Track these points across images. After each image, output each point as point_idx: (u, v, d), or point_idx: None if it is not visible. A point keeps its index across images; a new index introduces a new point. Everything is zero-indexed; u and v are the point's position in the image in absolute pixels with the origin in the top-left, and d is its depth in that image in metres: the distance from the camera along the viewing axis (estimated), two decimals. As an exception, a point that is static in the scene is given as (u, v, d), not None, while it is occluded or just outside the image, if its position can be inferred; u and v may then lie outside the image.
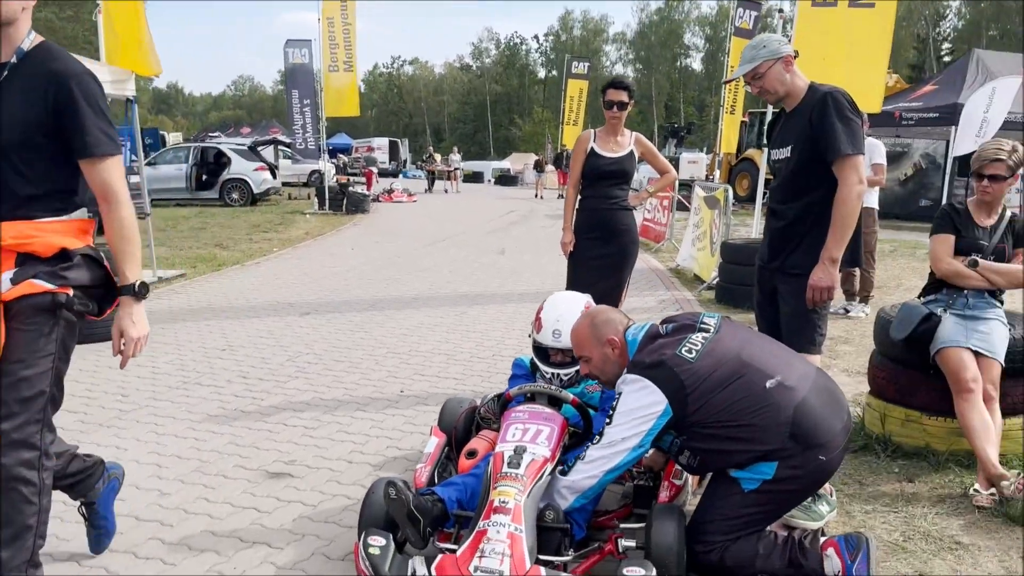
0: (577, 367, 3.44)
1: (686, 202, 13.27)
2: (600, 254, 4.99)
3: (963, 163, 16.54)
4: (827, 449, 2.78)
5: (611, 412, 2.87)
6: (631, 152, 5.00)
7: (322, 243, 14.07)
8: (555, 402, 3.21)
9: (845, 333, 7.02)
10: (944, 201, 16.63)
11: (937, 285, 4.07)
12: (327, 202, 20.00)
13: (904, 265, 11.61)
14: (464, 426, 3.66)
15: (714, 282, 8.92)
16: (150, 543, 3.18)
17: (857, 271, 7.65)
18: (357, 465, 4.00)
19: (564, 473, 2.89)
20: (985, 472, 3.55)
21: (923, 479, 3.85)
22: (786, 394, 2.78)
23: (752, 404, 2.76)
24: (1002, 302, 3.99)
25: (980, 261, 3.87)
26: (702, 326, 3.00)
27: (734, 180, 22.38)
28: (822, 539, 2.76)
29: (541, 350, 3.56)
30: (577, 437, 3.18)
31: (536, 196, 28.64)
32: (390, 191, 25.55)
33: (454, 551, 2.66)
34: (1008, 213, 3.97)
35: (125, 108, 8.70)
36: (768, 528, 2.92)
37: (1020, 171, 3.87)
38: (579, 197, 5.09)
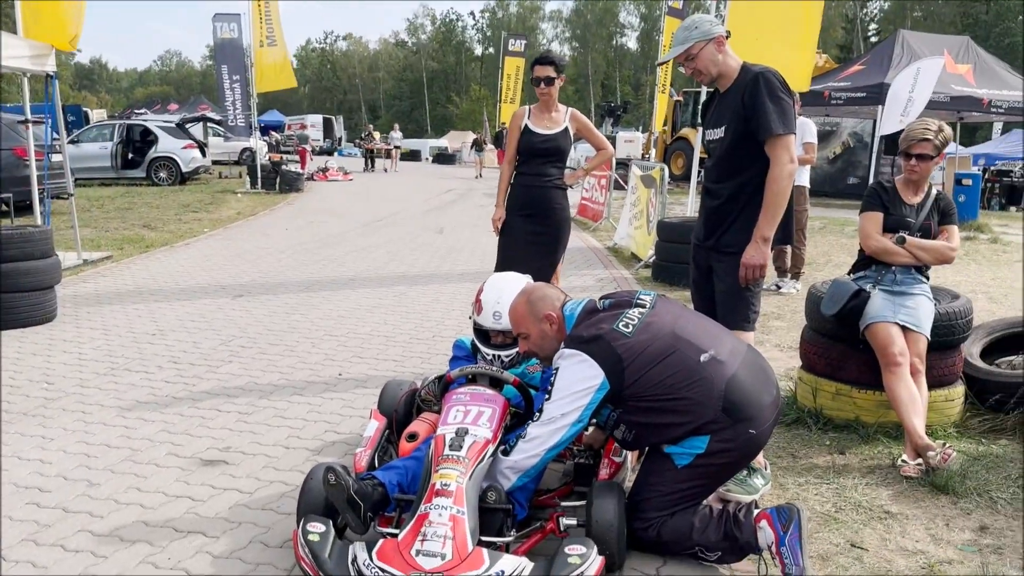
0: (518, 347, 3.44)
1: (623, 181, 13.37)
2: (533, 231, 4.96)
3: (889, 142, 17.07)
4: (757, 423, 2.84)
5: (549, 388, 2.87)
6: (566, 129, 4.96)
7: (255, 223, 13.78)
8: (496, 383, 3.21)
9: (777, 309, 7.17)
10: (871, 179, 17.13)
11: (866, 262, 4.17)
12: (259, 181, 19.65)
13: (833, 242, 11.93)
14: (404, 409, 3.63)
15: (650, 260, 9.02)
16: (79, 535, 3.06)
17: (789, 248, 7.82)
18: (294, 451, 3.93)
19: (506, 453, 2.89)
20: (912, 443, 3.67)
21: (853, 451, 3.96)
22: (719, 368, 2.83)
23: (686, 377, 2.80)
24: (928, 278, 4.12)
25: (907, 238, 3.99)
26: (638, 302, 3.02)
27: (669, 159, 22.66)
28: (755, 511, 2.82)
29: (482, 332, 3.54)
30: (518, 418, 3.18)
31: (476, 176, 28.42)
32: (325, 169, 25.18)
33: (396, 535, 2.64)
34: (934, 191, 4.09)
35: (45, 84, 8.32)
36: (704, 502, 2.98)
37: (946, 150, 3.97)
38: (514, 174, 5.06)
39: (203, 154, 22.23)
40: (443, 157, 41.05)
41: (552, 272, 5.05)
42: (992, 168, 21.54)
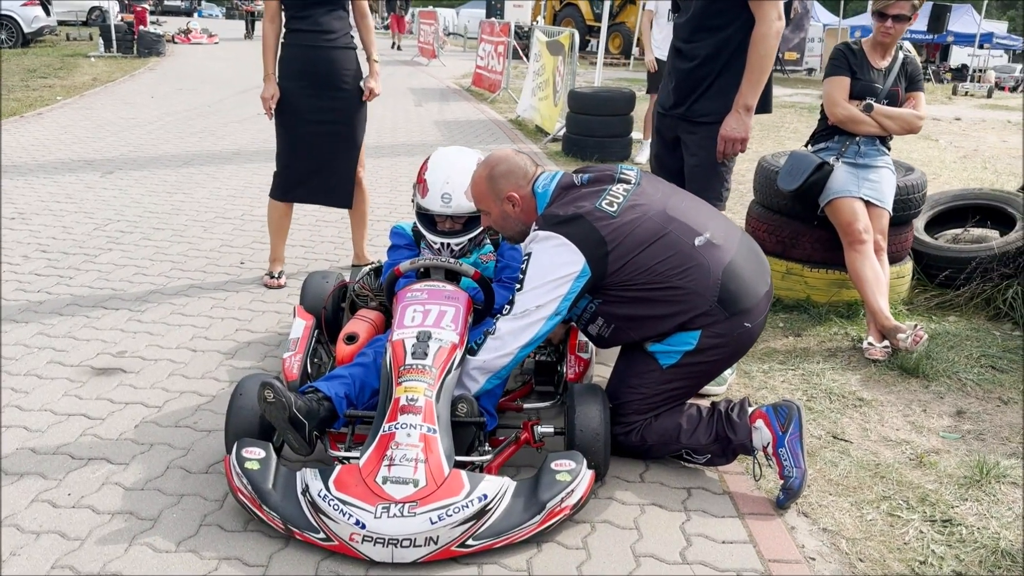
0: (470, 234, 3.00)
1: (521, 50, 12.67)
2: (319, 109, 3.96)
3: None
4: (753, 315, 2.56)
5: (520, 276, 2.47)
6: None
7: (114, 90, 12.40)
8: (452, 276, 2.76)
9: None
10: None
11: (828, 132, 3.88)
12: (115, 44, 17.69)
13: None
14: (334, 305, 3.16)
15: (560, 133, 8.57)
16: (-52, 471, 2.51)
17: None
18: (204, 353, 3.41)
19: (472, 352, 2.51)
20: (878, 324, 3.50)
21: (809, 333, 3.79)
22: (715, 253, 2.50)
23: (679, 263, 2.46)
24: (890, 149, 3.88)
25: (875, 105, 3.70)
26: (622, 177, 2.62)
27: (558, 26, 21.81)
28: (749, 410, 2.57)
29: (427, 217, 3.04)
30: (477, 315, 2.76)
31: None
32: (187, 32, 23.01)
33: (353, 459, 2.24)
34: (901, 55, 3.80)
35: None
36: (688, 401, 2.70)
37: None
38: (284, 31, 3.98)
39: (47, 13, 19.74)
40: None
41: (354, 163, 4.18)
42: (871, 40, 21.89)
